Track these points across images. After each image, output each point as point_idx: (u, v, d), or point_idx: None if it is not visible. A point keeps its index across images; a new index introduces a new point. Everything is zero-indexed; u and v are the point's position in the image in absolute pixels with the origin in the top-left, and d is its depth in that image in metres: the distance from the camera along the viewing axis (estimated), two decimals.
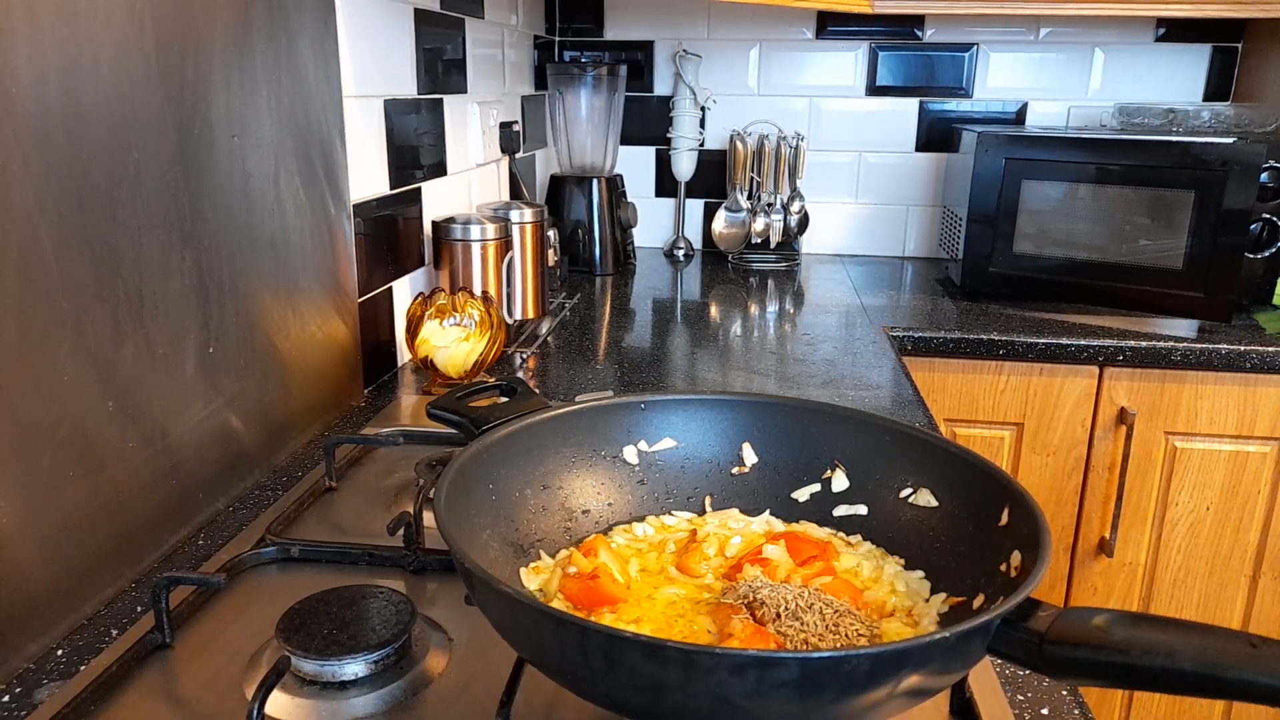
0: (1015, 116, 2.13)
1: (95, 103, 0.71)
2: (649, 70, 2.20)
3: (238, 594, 0.75)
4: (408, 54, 1.33)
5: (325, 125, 1.07)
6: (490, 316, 1.21)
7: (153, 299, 0.78)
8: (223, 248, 0.88)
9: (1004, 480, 0.61)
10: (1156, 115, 1.86)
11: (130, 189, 0.75)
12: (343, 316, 1.14)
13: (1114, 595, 1.65)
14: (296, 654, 0.62)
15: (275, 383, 0.99)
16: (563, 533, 0.69)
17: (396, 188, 1.30)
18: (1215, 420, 1.54)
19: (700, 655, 0.44)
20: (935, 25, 2.10)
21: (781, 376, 1.34)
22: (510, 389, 0.76)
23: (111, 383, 0.74)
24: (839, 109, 2.17)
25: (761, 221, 2.11)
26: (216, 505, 0.90)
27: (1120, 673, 0.44)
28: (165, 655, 0.67)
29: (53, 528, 0.69)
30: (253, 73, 0.92)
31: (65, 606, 0.70)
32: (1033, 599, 0.48)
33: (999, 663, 0.67)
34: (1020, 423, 1.59)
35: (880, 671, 0.44)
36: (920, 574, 0.65)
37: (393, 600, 0.68)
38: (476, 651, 0.67)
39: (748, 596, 0.59)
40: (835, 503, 0.72)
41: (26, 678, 0.65)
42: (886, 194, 2.21)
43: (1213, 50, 2.03)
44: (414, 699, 0.62)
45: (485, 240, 1.35)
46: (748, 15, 2.13)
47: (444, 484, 0.58)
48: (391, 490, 0.94)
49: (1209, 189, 1.59)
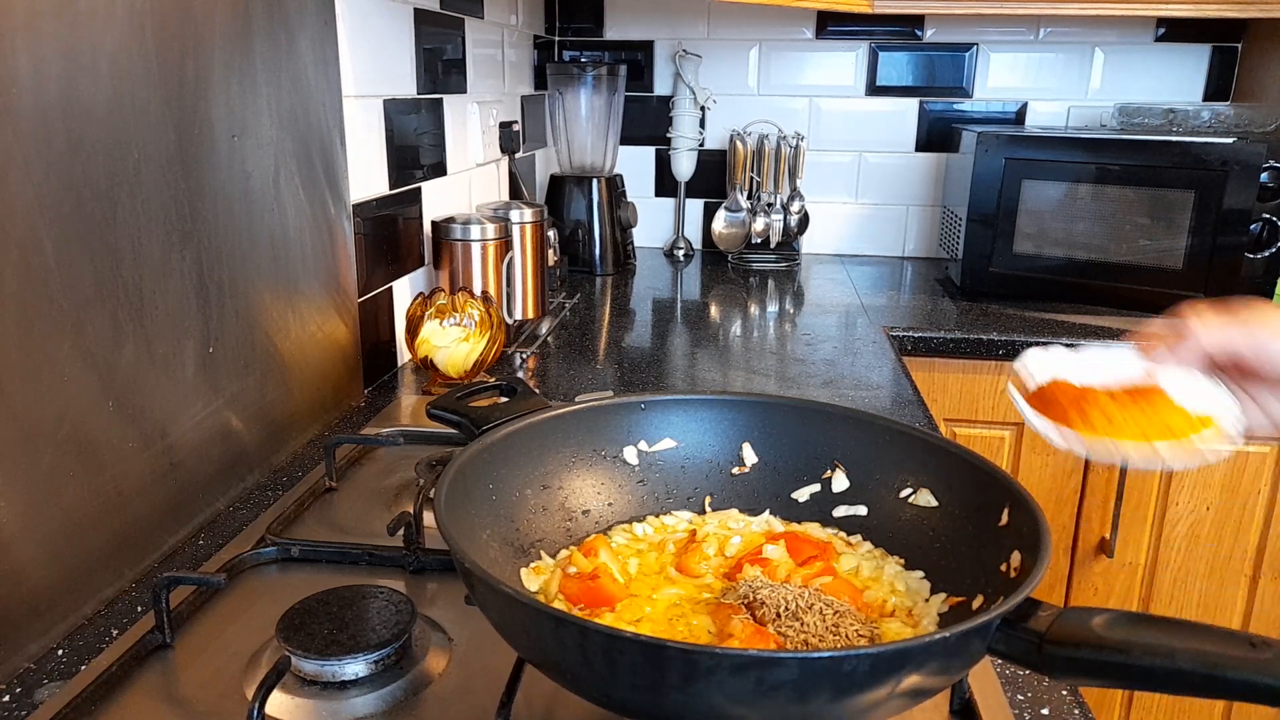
0: (1015, 116, 2.13)
1: (95, 102, 0.71)
2: (649, 70, 2.20)
3: (238, 594, 0.75)
4: (407, 54, 1.33)
5: (325, 125, 1.07)
6: (490, 316, 1.21)
7: (152, 299, 0.78)
8: (222, 247, 0.88)
9: (1004, 480, 0.61)
10: (1156, 115, 1.86)
11: (130, 189, 0.75)
12: (343, 316, 1.14)
13: (1114, 595, 1.65)
14: (297, 654, 0.62)
15: (275, 382, 0.99)
16: (563, 533, 0.69)
17: (396, 187, 1.30)
18: None
19: (700, 655, 0.44)
20: (935, 25, 2.10)
21: (781, 376, 1.34)
22: (510, 389, 0.76)
23: (111, 382, 0.74)
24: (839, 109, 2.17)
25: (761, 221, 2.11)
26: (216, 505, 0.90)
27: (1120, 673, 0.44)
28: (165, 655, 0.67)
29: (53, 527, 0.69)
30: (252, 72, 0.92)
31: (65, 606, 0.70)
32: (1033, 599, 0.48)
33: (999, 663, 0.67)
34: (1020, 423, 1.59)
35: (880, 671, 0.44)
36: (920, 574, 0.65)
37: (393, 600, 0.68)
38: (476, 652, 0.67)
39: (748, 597, 0.59)
40: (835, 503, 0.72)
41: (27, 678, 0.65)
42: (886, 194, 2.21)
43: (1213, 50, 2.03)
44: (414, 699, 0.62)
45: (485, 240, 1.35)
46: (747, 15, 2.13)
47: (444, 484, 0.58)
48: (391, 490, 0.94)
49: (1209, 189, 1.59)
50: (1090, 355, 0.67)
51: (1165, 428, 0.61)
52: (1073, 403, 0.63)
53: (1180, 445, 0.60)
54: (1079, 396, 0.64)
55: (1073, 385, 0.65)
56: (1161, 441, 0.60)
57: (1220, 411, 0.63)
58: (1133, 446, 0.60)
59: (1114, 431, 0.61)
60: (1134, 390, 0.64)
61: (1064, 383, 0.65)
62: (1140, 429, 0.61)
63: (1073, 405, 0.63)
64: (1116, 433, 0.61)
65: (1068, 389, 0.65)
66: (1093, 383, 0.65)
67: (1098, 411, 0.62)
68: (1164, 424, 0.61)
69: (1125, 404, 0.62)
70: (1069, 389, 0.65)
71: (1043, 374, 0.67)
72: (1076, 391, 0.64)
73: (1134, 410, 0.62)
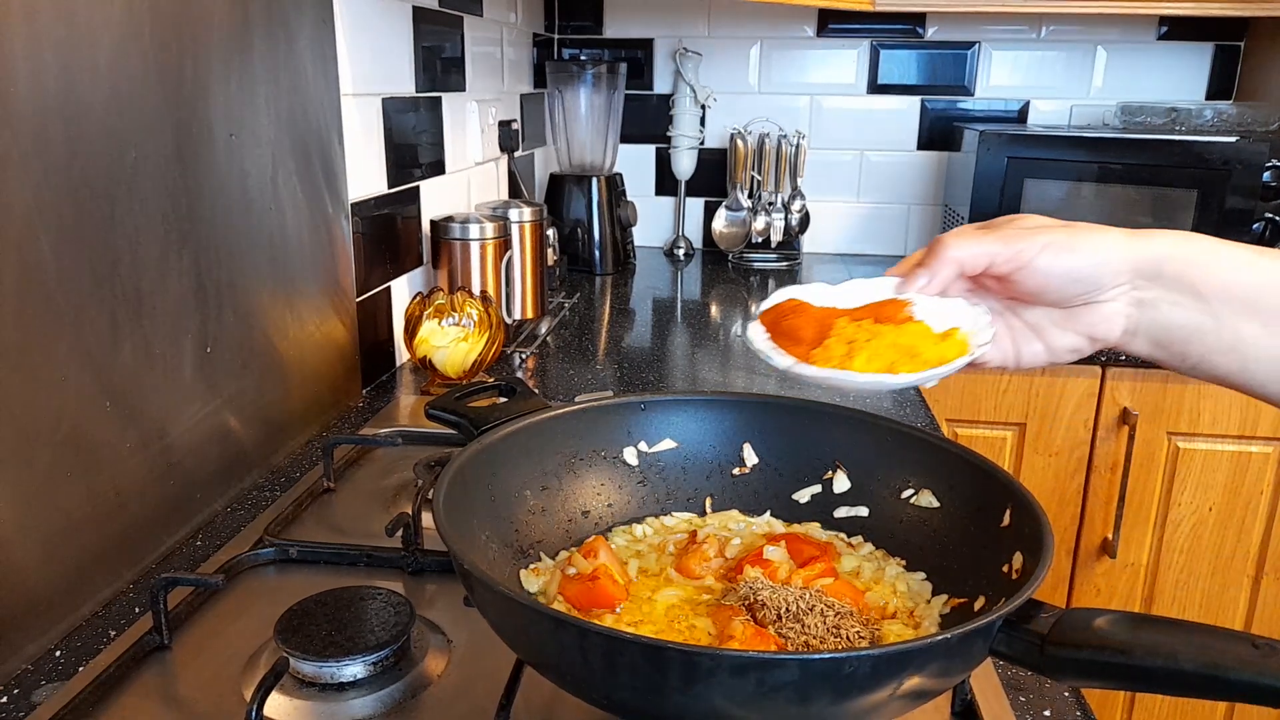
0: (1017, 115, 2.13)
1: (93, 102, 0.71)
2: (649, 68, 2.19)
3: (236, 595, 0.75)
4: (406, 52, 1.33)
5: (323, 124, 1.06)
6: (489, 316, 1.21)
7: (151, 298, 0.78)
8: (221, 247, 0.88)
9: (1006, 481, 0.61)
10: (1159, 114, 1.86)
11: (128, 188, 0.75)
12: (341, 316, 1.13)
13: (1116, 596, 1.65)
14: (295, 655, 0.61)
15: (273, 383, 0.99)
16: (562, 534, 0.69)
17: (395, 186, 1.29)
18: (1218, 421, 1.54)
19: (700, 657, 0.44)
20: (937, 23, 2.10)
21: (782, 377, 1.33)
22: (509, 389, 0.76)
23: (109, 383, 0.74)
24: (840, 107, 2.17)
25: (762, 220, 2.11)
26: (215, 506, 0.89)
27: (1123, 674, 0.44)
28: (163, 656, 0.67)
29: (51, 528, 0.68)
30: (251, 71, 0.92)
31: (63, 607, 0.70)
32: (1035, 600, 0.48)
33: (1001, 664, 0.67)
34: (1022, 423, 1.59)
35: (881, 673, 0.44)
36: (922, 575, 0.65)
37: (391, 601, 0.67)
38: (475, 653, 0.67)
39: (748, 598, 0.59)
40: (836, 504, 0.72)
41: (24, 679, 0.65)
42: (888, 193, 2.21)
43: (1215, 49, 2.03)
44: (413, 701, 0.62)
45: (484, 239, 1.35)
46: (748, 13, 2.12)
47: (443, 485, 0.58)
48: (390, 491, 0.93)
49: (1212, 188, 1.58)
50: (848, 286, 0.64)
51: (905, 350, 0.58)
52: (811, 328, 0.60)
53: (919, 367, 0.57)
54: (820, 321, 0.61)
55: (810, 306, 0.62)
56: (897, 372, 0.57)
57: (968, 323, 0.60)
58: (865, 379, 0.57)
59: (848, 362, 0.58)
60: (878, 308, 0.61)
61: (802, 303, 0.62)
62: (877, 353, 0.58)
63: (810, 330, 0.60)
64: (850, 362, 0.58)
65: (807, 312, 0.62)
66: (835, 304, 0.63)
67: (836, 339, 0.59)
68: (905, 346, 0.58)
69: (867, 328, 0.60)
70: (809, 312, 0.62)
71: (782, 295, 0.64)
72: (817, 315, 0.62)
73: (875, 333, 0.59)
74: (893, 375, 0.58)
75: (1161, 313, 0.58)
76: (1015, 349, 0.63)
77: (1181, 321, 0.57)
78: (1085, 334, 0.60)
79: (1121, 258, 0.57)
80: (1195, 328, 0.57)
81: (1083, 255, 0.57)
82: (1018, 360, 0.63)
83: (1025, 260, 0.58)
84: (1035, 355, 0.63)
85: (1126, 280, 0.57)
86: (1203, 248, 0.57)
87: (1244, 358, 0.56)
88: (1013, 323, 0.63)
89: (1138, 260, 0.57)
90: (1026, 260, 0.58)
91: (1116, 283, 0.58)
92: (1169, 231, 0.58)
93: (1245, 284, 0.56)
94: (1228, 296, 0.56)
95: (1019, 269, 0.58)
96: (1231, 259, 0.56)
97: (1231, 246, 0.57)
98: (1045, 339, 0.62)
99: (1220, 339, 0.57)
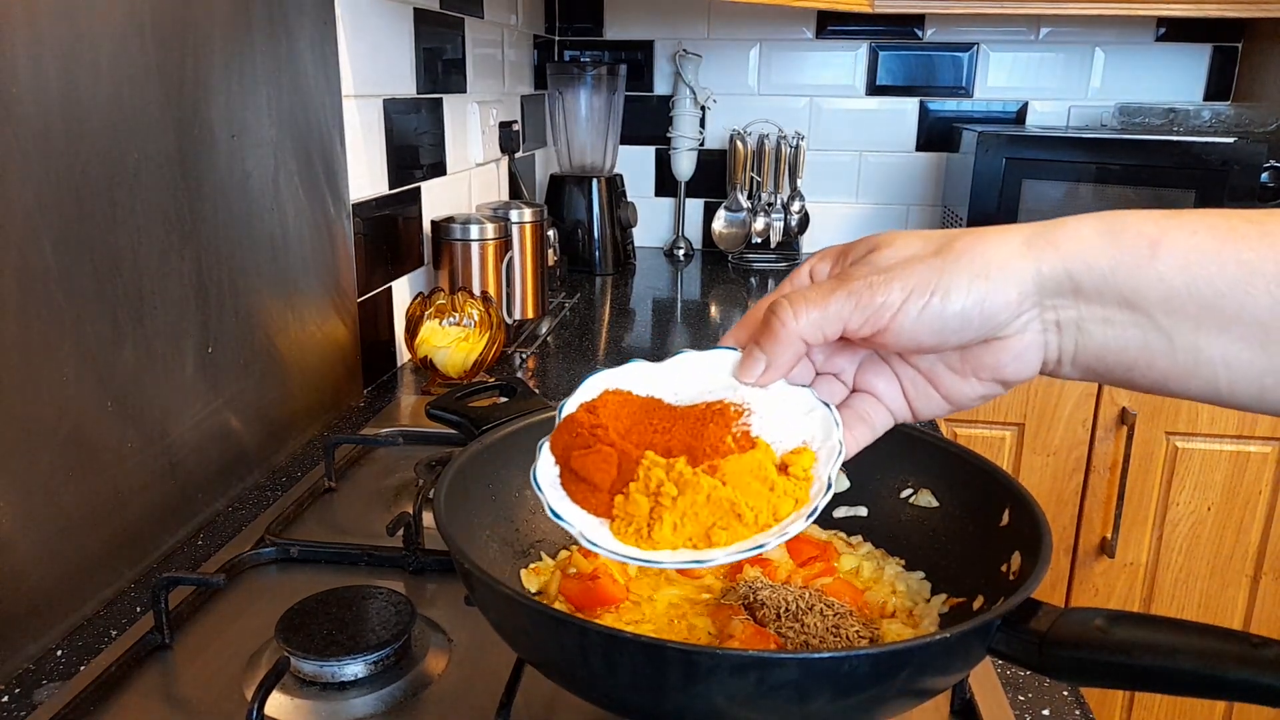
0: (1015, 116, 2.13)
1: (95, 102, 0.71)
2: (649, 70, 2.20)
3: (237, 594, 0.75)
4: (407, 53, 1.33)
5: (324, 125, 1.07)
6: (490, 316, 1.21)
7: (152, 299, 0.78)
8: (222, 247, 0.88)
9: (1005, 480, 0.61)
10: (1157, 115, 1.86)
11: (129, 189, 0.75)
12: (342, 316, 1.13)
13: (1115, 596, 1.65)
14: (296, 654, 0.62)
15: (274, 383, 0.99)
16: (563, 534, 0.69)
17: (396, 187, 1.30)
18: (1216, 420, 1.54)
19: (700, 656, 0.44)
20: (935, 25, 2.10)
21: None
22: (510, 389, 0.76)
23: (111, 383, 0.74)
24: (839, 108, 2.17)
25: (762, 221, 2.11)
26: (216, 505, 0.89)
27: (1121, 673, 0.44)
28: (165, 656, 0.67)
29: (52, 527, 0.69)
30: (252, 72, 0.92)
31: (65, 607, 0.70)
32: (1033, 599, 0.48)
33: (1000, 663, 0.67)
34: (1021, 423, 1.59)
35: (881, 672, 0.44)
36: (921, 575, 0.65)
37: (392, 601, 0.68)
38: (476, 652, 0.67)
39: (747, 597, 0.59)
40: (835, 503, 0.72)
41: (26, 678, 0.65)
42: (887, 194, 2.21)
43: (1213, 50, 2.03)
44: (413, 700, 0.62)
45: (485, 240, 1.35)
46: (748, 15, 2.12)
47: (443, 484, 0.58)
48: (391, 490, 0.93)
49: (1210, 189, 1.58)
50: (678, 364, 0.51)
51: (726, 509, 0.45)
52: (609, 467, 0.47)
53: (741, 535, 0.45)
54: (623, 452, 0.47)
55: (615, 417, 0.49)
56: (713, 544, 0.45)
57: (819, 431, 0.48)
58: (670, 560, 0.45)
59: (652, 530, 0.46)
60: (702, 424, 0.48)
61: (602, 420, 0.48)
62: (690, 515, 0.45)
63: (607, 469, 0.47)
64: (654, 530, 0.46)
65: (608, 433, 0.48)
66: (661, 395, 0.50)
67: (639, 488, 0.47)
68: (725, 504, 0.45)
69: (678, 471, 0.46)
70: (610, 432, 0.48)
71: (593, 389, 0.50)
72: (620, 434, 0.48)
73: (686, 485, 0.46)
74: (706, 553, 0.45)
75: (1090, 335, 0.43)
76: (907, 405, 0.51)
77: (1120, 344, 0.42)
78: (993, 378, 0.47)
79: (1017, 281, 0.42)
80: (1141, 347, 0.42)
81: (956, 299, 0.43)
82: (914, 417, 0.52)
83: (883, 322, 0.44)
84: (934, 408, 0.50)
85: (1033, 304, 0.43)
86: (1133, 241, 0.41)
87: (1215, 379, 0.41)
88: (901, 371, 0.50)
89: (1041, 276, 0.42)
90: (884, 323, 0.44)
91: (1019, 312, 0.43)
92: (1086, 218, 0.43)
93: (1196, 287, 0.40)
94: (1172, 307, 0.41)
95: (879, 332, 0.44)
96: (1174, 254, 0.40)
97: (1179, 229, 0.41)
98: (942, 389, 0.49)
99: (1176, 361, 0.42)
